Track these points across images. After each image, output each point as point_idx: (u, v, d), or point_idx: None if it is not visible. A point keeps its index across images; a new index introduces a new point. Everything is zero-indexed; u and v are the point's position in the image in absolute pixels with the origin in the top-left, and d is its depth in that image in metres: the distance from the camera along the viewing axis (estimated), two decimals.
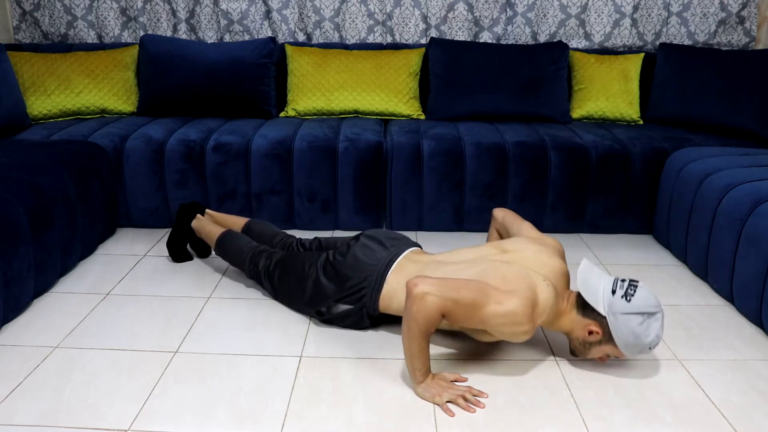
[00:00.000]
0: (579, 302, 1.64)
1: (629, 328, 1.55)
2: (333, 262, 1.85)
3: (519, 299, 1.51)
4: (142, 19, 3.25)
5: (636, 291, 1.57)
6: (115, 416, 1.48)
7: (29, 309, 1.98)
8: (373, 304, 1.78)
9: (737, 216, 1.99)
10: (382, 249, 1.84)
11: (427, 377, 1.57)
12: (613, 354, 1.63)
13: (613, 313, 1.57)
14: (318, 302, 1.86)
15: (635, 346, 1.57)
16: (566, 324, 1.65)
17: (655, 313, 1.56)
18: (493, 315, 1.51)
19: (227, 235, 2.16)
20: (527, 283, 1.57)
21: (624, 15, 3.21)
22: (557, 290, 1.63)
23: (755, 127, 2.76)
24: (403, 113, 3.00)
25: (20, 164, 2.11)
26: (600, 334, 1.60)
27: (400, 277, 1.76)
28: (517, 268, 1.62)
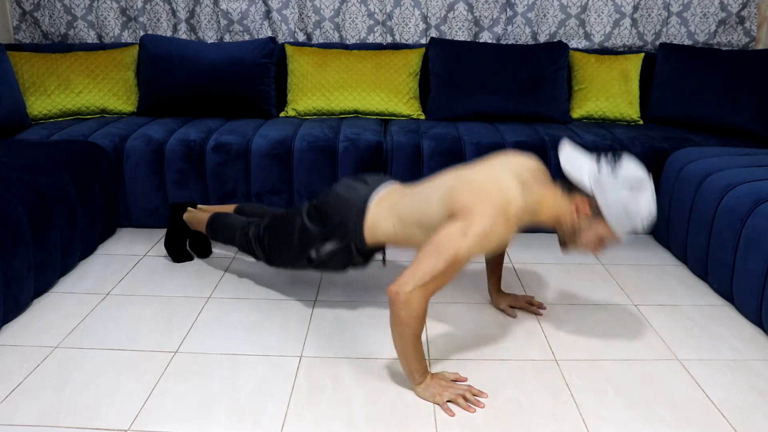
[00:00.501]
0: (563, 187, 1.59)
1: (618, 201, 1.50)
2: (316, 205, 1.84)
3: (480, 214, 1.46)
4: (142, 19, 3.25)
5: (621, 162, 1.51)
6: (115, 416, 1.48)
7: (29, 309, 1.98)
8: (359, 236, 1.76)
9: (737, 216, 1.99)
10: (363, 185, 1.83)
11: (425, 377, 1.57)
12: (606, 235, 1.56)
13: (599, 184, 1.51)
14: (306, 247, 1.83)
15: (627, 221, 1.51)
16: (552, 212, 1.59)
17: (644, 183, 1.50)
18: (469, 249, 1.45)
19: (217, 216, 2.19)
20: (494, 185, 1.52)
21: (624, 15, 3.21)
22: (529, 183, 1.59)
23: (755, 127, 2.76)
24: (403, 113, 3.00)
25: (20, 164, 2.11)
26: (589, 213, 1.54)
27: (383, 206, 1.74)
28: (486, 172, 1.58)
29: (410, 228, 1.68)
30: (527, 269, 2.36)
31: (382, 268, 2.33)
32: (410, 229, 1.68)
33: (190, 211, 2.31)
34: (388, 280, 2.23)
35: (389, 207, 1.74)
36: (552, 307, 2.06)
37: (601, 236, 1.58)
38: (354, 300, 2.09)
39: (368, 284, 2.20)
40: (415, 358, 1.54)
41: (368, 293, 2.13)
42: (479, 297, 2.12)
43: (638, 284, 2.24)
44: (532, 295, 2.10)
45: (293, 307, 2.04)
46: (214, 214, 2.21)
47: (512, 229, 1.50)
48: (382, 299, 2.09)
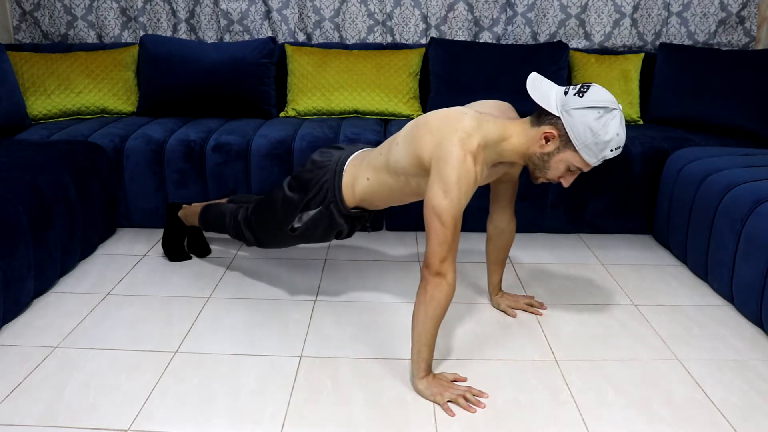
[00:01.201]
0: (532, 119, 1.58)
1: (585, 124, 1.47)
2: (295, 175, 1.88)
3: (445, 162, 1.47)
4: (142, 19, 3.25)
5: (589, 88, 1.50)
6: (115, 416, 1.48)
7: (29, 309, 1.98)
8: (338, 196, 1.79)
9: (737, 216, 1.99)
10: (338, 150, 1.88)
11: (429, 373, 1.58)
12: (575, 163, 1.54)
13: (566, 110, 1.49)
14: (289, 218, 1.85)
15: (594, 144, 1.49)
16: (520, 143, 1.57)
17: (612, 109, 1.48)
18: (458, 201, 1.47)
19: (209, 206, 2.23)
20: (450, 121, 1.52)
21: (624, 15, 3.21)
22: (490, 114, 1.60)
23: (755, 127, 2.76)
24: (403, 113, 3.00)
25: (20, 164, 2.11)
26: (557, 138, 1.51)
27: (356, 163, 1.79)
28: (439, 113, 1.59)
29: (381, 174, 1.72)
30: (527, 269, 2.36)
31: (382, 268, 2.33)
32: (381, 175, 1.72)
33: (184, 207, 2.34)
34: (389, 280, 2.23)
35: (360, 162, 1.79)
36: (552, 307, 2.06)
37: (570, 164, 1.56)
38: (354, 300, 2.09)
39: (368, 284, 2.20)
40: (429, 346, 1.55)
41: (368, 293, 2.13)
42: (479, 297, 2.12)
43: (638, 284, 2.24)
44: (532, 295, 2.11)
45: (293, 307, 2.04)
46: (206, 204, 2.26)
47: (479, 160, 1.50)
48: (382, 299, 2.09)
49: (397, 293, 2.14)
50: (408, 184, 1.68)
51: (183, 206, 2.35)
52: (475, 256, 2.47)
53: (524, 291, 2.18)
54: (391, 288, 2.17)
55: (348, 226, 1.86)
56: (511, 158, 1.61)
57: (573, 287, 2.21)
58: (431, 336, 1.54)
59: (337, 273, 2.29)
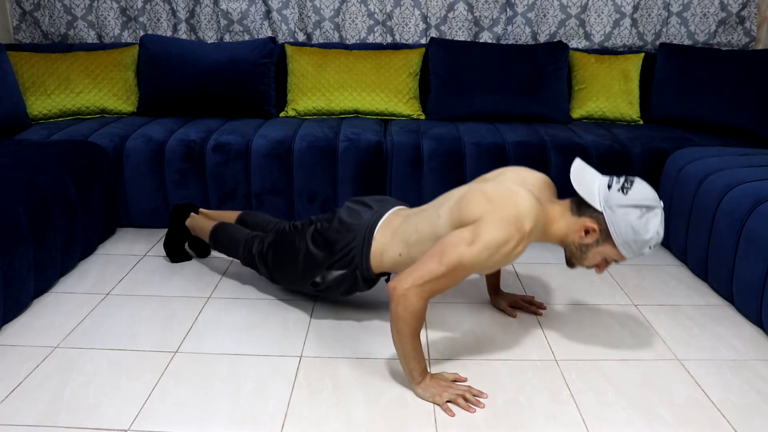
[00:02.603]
0: (573, 205, 1.58)
1: (627, 222, 1.48)
2: (320, 229, 1.82)
3: (491, 225, 1.44)
4: (142, 19, 3.25)
5: (633, 184, 1.51)
6: (115, 416, 1.48)
7: (29, 309, 1.98)
8: (365, 263, 1.75)
9: (737, 216, 1.99)
10: (367, 210, 1.82)
11: (425, 377, 1.57)
12: (612, 256, 1.56)
13: (609, 206, 1.50)
14: (311, 273, 1.83)
15: (634, 242, 1.50)
16: (560, 230, 1.57)
17: (654, 208, 1.49)
18: (474, 258, 1.44)
19: (220, 227, 2.17)
20: (505, 195, 1.49)
21: (624, 15, 3.21)
22: (541, 199, 1.58)
23: (755, 127, 2.76)
24: (403, 113, 3.00)
25: (20, 164, 2.11)
26: (597, 232, 1.53)
27: (388, 233, 1.73)
28: (495, 184, 1.56)
29: (415, 250, 1.66)
30: (527, 269, 2.36)
31: None
32: (415, 251, 1.66)
33: (193, 217, 2.30)
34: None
35: (394, 232, 1.72)
36: (552, 307, 2.06)
37: (607, 256, 1.57)
38: (354, 300, 2.09)
39: None
40: (413, 357, 1.54)
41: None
42: (479, 297, 2.12)
43: (638, 284, 2.24)
44: (532, 295, 2.10)
45: (293, 307, 2.04)
46: (217, 224, 2.19)
47: (524, 243, 1.48)
48: (382, 299, 2.09)
49: None
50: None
51: (192, 215, 2.31)
52: None
53: (524, 291, 2.18)
54: None
55: (367, 286, 1.85)
56: (550, 241, 1.61)
57: (573, 287, 2.21)
58: (411, 349, 1.53)
59: None
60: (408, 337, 1.51)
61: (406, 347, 1.53)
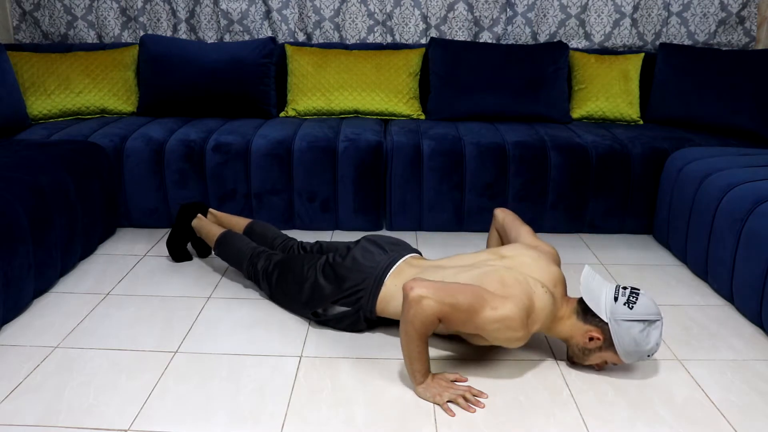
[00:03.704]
0: (579, 308, 1.65)
1: (630, 336, 1.56)
2: (332, 263, 1.85)
3: (514, 305, 1.51)
4: (142, 19, 3.25)
5: (638, 299, 1.58)
6: (115, 416, 1.48)
7: (29, 309, 1.98)
8: (370, 306, 1.78)
9: (737, 216, 1.99)
10: (382, 253, 1.84)
11: (427, 378, 1.57)
12: (612, 361, 1.64)
13: (615, 319, 1.57)
14: (315, 303, 1.86)
15: (635, 353, 1.58)
16: (566, 330, 1.65)
17: (656, 321, 1.57)
18: (489, 320, 1.51)
19: (227, 236, 2.16)
20: (524, 288, 1.57)
21: (624, 15, 3.21)
22: (555, 297, 1.63)
23: (755, 127, 2.76)
24: (403, 113, 3.00)
25: (20, 164, 2.11)
26: (601, 341, 1.60)
27: (398, 281, 1.76)
28: (515, 274, 1.62)
29: None
30: None
31: None
32: None
33: (200, 219, 2.30)
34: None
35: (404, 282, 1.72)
36: None
37: (608, 360, 1.64)
38: None
39: None
40: (417, 359, 1.54)
41: None
42: None
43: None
44: None
45: None
46: (224, 233, 2.18)
47: (527, 331, 1.55)
48: None
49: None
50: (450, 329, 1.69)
51: (199, 216, 2.30)
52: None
53: None
54: None
55: (368, 326, 1.87)
56: (555, 336, 1.69)
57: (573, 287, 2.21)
58: (417, 352, 1.54)
59: None
60: (415, 339, 1.52)
61: (412, 349, 1.54)
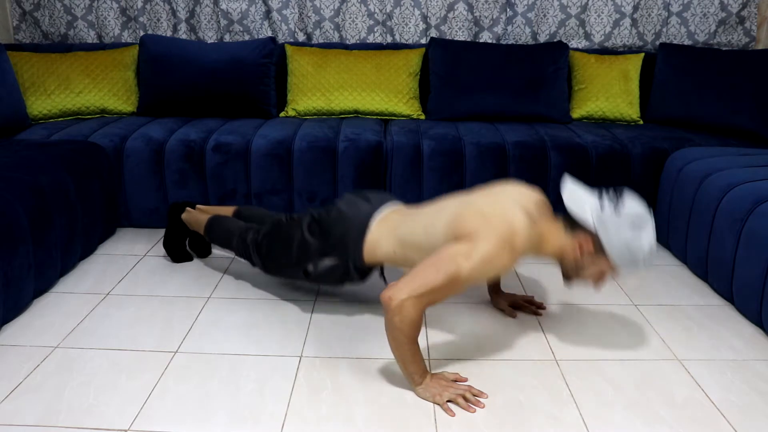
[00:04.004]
0: (567, 223, 1.61)
1: (621, 239, 1.52)
2: (317, 219, 1.85)
3: (486, 241, 1.48)
4: (142, 19, 3.25)
5: (624, 201, 1.54)
6: (115, 416, 1.48)
7: (29, 309, 1.98)
8: (358, 254, 1.77)
9: (737, 216, 1.99)
10: (366, 203, 1.84)
11: (425, 378, 1.57)
12: (609, 271, 1.59)
13: (603, 224, 1.54)
14: (304, 260, 1.84)
15: (629, 258, 1.54)
16: (555, 247, 1.62)
17: (646, 222, 1.53)
18: (472, 271, 1.47)
19: (216, 219, 2.19)
20: (503, 213, 1.53)
21: (624, 15, 3.21)
22: (536, 217, 1.60)
23: (755, 127, 2.76)
24: (403, 113, 3.00)
25: (20, 164, 2.11)
26: (592, 250, 1.57)
27: (384, 228, 1.76)
28: (492, 201, 1.59)
29: (410, 251, 1.70)
30: (527, 269, 2.36)
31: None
32: (409, 252, 1.70)
33: (189, 211, 2.31)
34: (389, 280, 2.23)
35: (391, 229, 1.75)
36: (552, 307, 2.06)
37: (603, 271, 1.61)
38: (354, 300, 2.09)
39: (368, 284, 2.20)
40: (412, 362, 1.54)
41: (368, 293, 2.13)
42: (479, 297, 2.12)
43: (638, 284, 2.24)
44: (532, 295, 2.10)
45: (293, 307, 2.04)
46: (212, 216, 2.21)
47: (515, 258, 1.53)
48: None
49: None
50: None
51: (187, 209, 2.32)
52: None
53: (524, 291, 2.18)
54: None
55: (360, 277, 1.86)
56: (546, 257, 1.66)
57: (573, 287, 2.21)
58: (410, 354, 1.53)
59: None
60: (406, 345, 1.51)
61: (405, 354, 1.53)
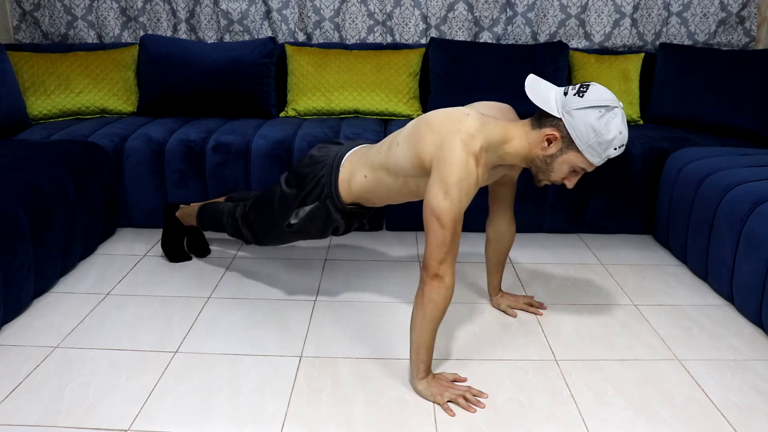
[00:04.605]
0: (532, 121, 1.57)
1: (588, 124, 1.46)
2: (292, 170, 1.87)
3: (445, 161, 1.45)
4: (142, 19, 3.25)
5: (589, 88, 1.50)
6: (115, 416, 1.48)
7: (29, 309, 1.98)
8: (335, 191, 1.77)
9: (737, 216, 1.99)
10: (336, 146, 1.87)
11: (428, 374, 1.58)
12: (579, 164, 1.54)
13: (567, 111, 1.48)
14: (286, 213, 1.85)
15: (598, 144, 1.48)
16: (522, 146, 1.56)
17: (613, 108, 1.47)
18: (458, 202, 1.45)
19: (206, 205, 2.23)
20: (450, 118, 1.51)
21: (624, 15, 3.21)
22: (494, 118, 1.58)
23: (755, 127, 2.76)
24: (403, 113, 3.00)
25: (20, 164, 2.11)
26: (558, 140, 1.51)
27: (353, 159, 1.78)
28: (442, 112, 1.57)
29: (379, 173, 1.71)
30: (527, 269, 2.36)
31: (382, 269, 2.33)
32: (379, 174, 1.71)
33: (182, 207, 2.34)
34: (389, 280, 2.23)
35: (359, 158, 1.78)
36: (552, 307, 2.06)
37: (574, 165, 1.55)
38: (354, 300, 2.09)
39: (368, 284, 2.20)
40: (427, 348, 1.55)
41: (368, 293, 2.13)
42: (479, 297, 2.12)
43: (638, 284, 2.24)
44: (532, 295, 2.11)
45: (293, 307, 2.04)
46: (203, 203, 2.25)
47: (481, 163, 1.48)
48: (382, 299, 2.09)
49: (397, 293, 2.14)
50: (406, 185, 1.67)
51: (181, 206, 2.35)
52: (474, 256, 2.47)
53: (524, 291, 2.18)
54: (391, 288, 2.18)
55: (345, 222, 1.85)
56: (513, 161, 1.60)
57: (573, 287, 2.21)
58: (429, 338, 1.54)
59: (337, 273, 2.29)
60: (431, 323, 1.51)
61: (425, 335, 1.53)
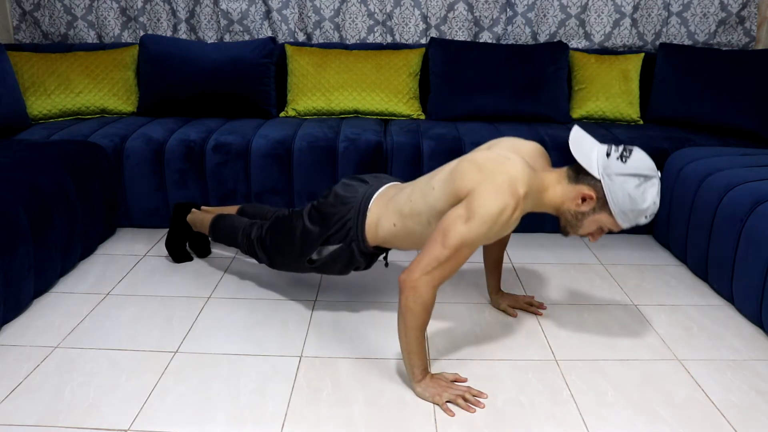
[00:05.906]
0: (569, 172, 1.57)
1: (625, 191, 1.48)
2: (316, 206, 1.83)
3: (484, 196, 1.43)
4: (142, 19, 3.25)
5: (632, 153, 1.50)
6: (115, 416, 1.48)
7: (29, 309, 1.98)
8: (360, 236, 1.75)
9: (737, 216, 1.99)
10: (363, 184, 1.82)
11: (425, 375, 1.57)
12: (608, 225, 1.55)
13: (608, 174, 1.49)
14: (308, 250, 1.82)
15: (631, 211, 1.50)
16: (556, 197, 1.56)
17: (652, 177, 1.48)
18: (474, 234, 1.43)
19: (220, 218, 2.18)
20: (499, 164, 1.48)
21: (624, 15, 3.21)
22: (535, 166, 1.57)
23: (755, 127, 2.76)
24: (403, 113, 3.00)
25: (20, 164, 2.11)
26: (594, 200, 1.52)
27: (382, 204, 1.73)
28: (487, 153, 1.55)
29: (409, 221, 1.66)
30: (527, 269, 2.36)
31: (384, 268, 2.32)
32: (409, 222, 1.66)
33: (194, 212, 2.31)
34: (389, 280, 2.23)
35: (387, 202, 1.73)
36: (552, 307, 2.06)
37: (603, 224, 1.57)
38: (354, 300, 2.09)
39: (368, 284, 2.20)
40: (416, 353, 1.54)
41: (368, 293, 2.13)
42: (479, 297, 2.12)
43: (638, 284, 2.24)
44: (532, 295, 2.10)
45: (293, 307, 2.04)
46: (217, 215, 2.21)
47: (520, 209, 1.47)
48: (382, 299, 2.09)
49: (397, 293, 2.13)
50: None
51: (192, 210, 2.32)
52: (473, 256, 2.47)
53: (524, 291, 2.18)
54: (391, 288, 2.18)
55: (366, 262, 1.84)
56: (545, 210, 1.60)
57: (573, 287, 2.21)
58: (416, 344, 1.53)
59: None
60: (414, 330, 1.51)
61: (411, 341, 1.53)
